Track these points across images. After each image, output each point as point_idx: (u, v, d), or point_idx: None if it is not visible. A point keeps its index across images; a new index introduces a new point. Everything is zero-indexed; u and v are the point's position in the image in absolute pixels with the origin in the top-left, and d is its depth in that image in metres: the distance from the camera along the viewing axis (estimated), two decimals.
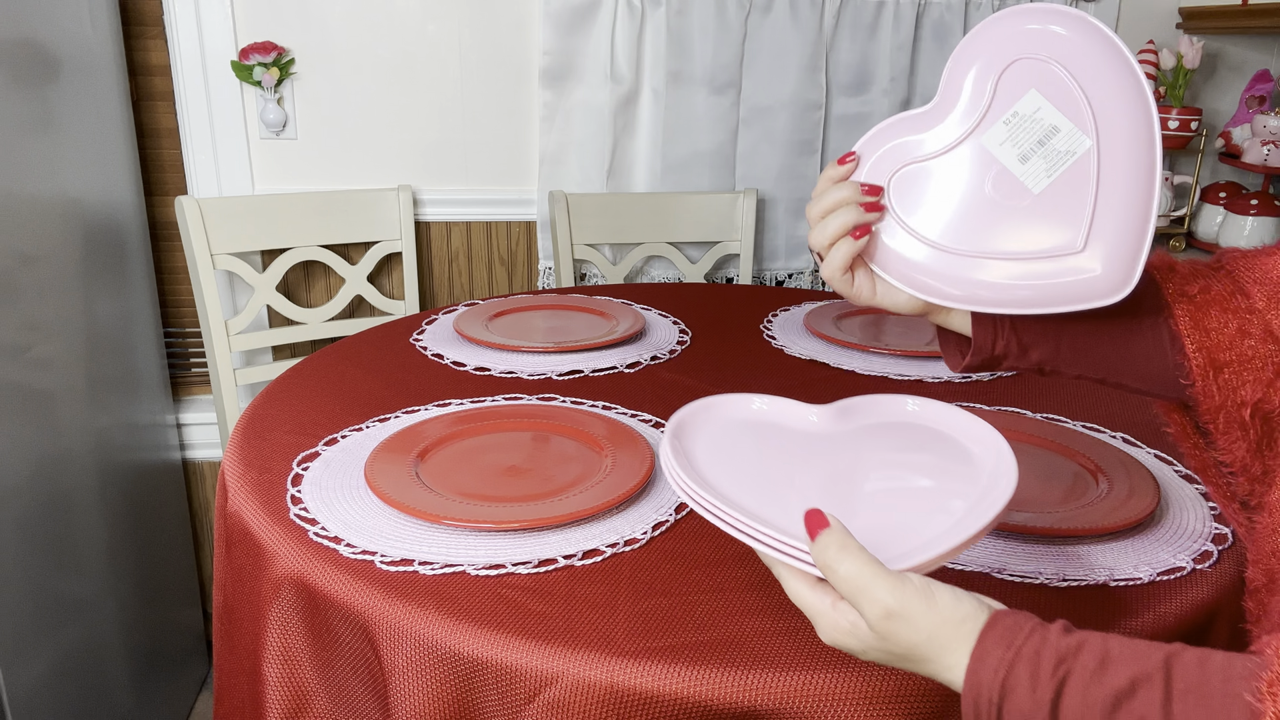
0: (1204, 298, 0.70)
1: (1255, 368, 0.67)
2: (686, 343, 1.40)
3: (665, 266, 2.06)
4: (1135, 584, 0.81)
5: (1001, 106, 0.73)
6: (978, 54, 0.73)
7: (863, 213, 0.73)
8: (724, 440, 0.73)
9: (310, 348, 1.99)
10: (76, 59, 1.52)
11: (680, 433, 0.73)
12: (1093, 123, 0.70)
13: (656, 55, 1.89)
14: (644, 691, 0.68)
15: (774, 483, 0.68)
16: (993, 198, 0.73)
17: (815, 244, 0.75)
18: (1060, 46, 0.71)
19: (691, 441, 0.72)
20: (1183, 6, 2.04)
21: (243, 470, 0.97)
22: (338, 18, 1.84)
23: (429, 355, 1.31)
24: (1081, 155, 0.70)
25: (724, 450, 0.72)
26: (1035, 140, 0.72)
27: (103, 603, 1.60)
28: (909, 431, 0.74)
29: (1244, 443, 0.68)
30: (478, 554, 0.82)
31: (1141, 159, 0.68)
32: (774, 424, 0.76)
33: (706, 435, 0.73)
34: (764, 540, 0.60)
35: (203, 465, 2.03)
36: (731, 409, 0.77)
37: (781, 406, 0.77)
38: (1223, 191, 1.99)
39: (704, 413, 0.76)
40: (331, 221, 1.85)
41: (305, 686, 0.82)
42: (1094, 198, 0.70)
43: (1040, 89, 0.71)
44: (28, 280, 1.39)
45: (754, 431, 0.75)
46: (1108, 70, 0.69)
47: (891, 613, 0.54)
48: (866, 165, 0.76)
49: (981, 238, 0.73)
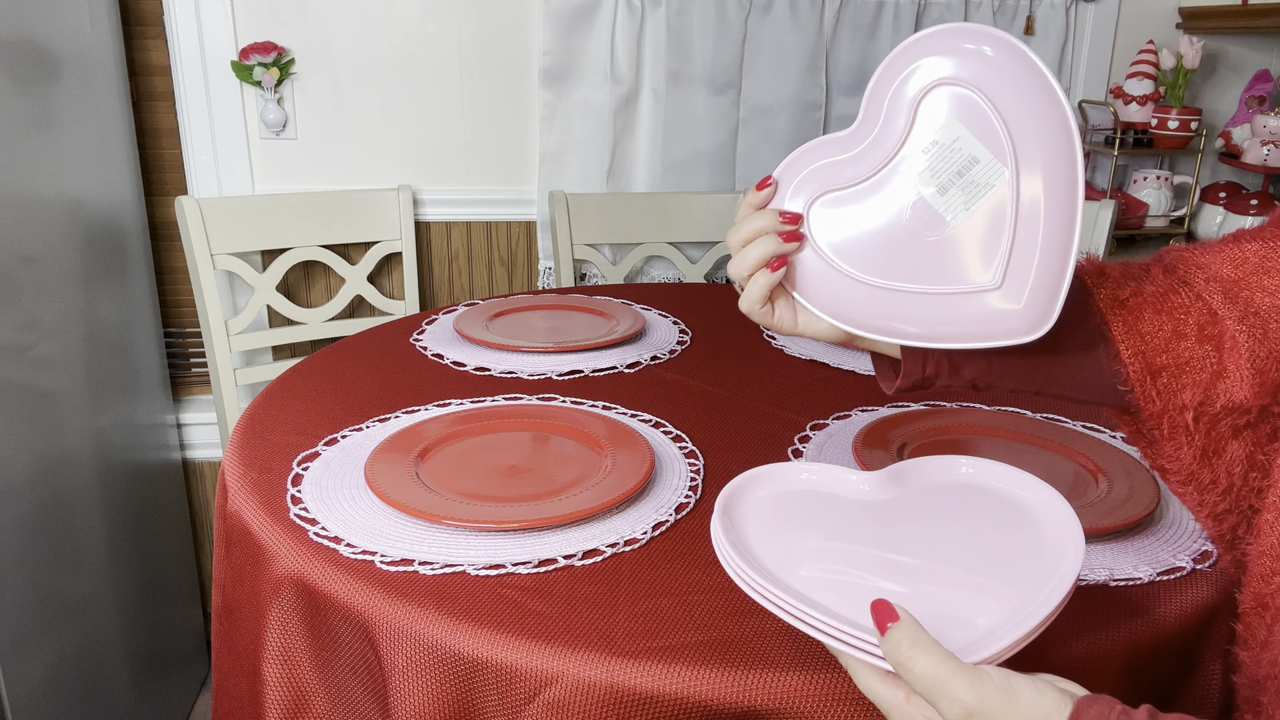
0: (1136, 301, 0.68)
1: (1193, 369, 0.66)
2: (686, 343, 1.40)
3: (665, 266, 2.06)
4: (1135, 584, 0.81)
5: (921, 134, 0.69)
6: (897, 76, 0.70)
7: (780, 243, 0.71)
8: (774, 516, 0.70)
9: (310, 348, 1.99)
10: (76, 59, 1.52)
11: (729, 510, 0.69)
12: (1012, 155, 0.67)
13: (656, 55, 1.89)
14: (644, 691, 0.68)
15: (832, 561, 0.65)
16: (912, 228, 0.70)
17: (734, 274, 0.73)
18: (982, 72, 0.67)
19: (742, 520, 0.69)
20: (1183, 6, 2.04)
21: (243, 470, 0.97)
22: (338, 18, 1.84)
23: (429, 355, 1.31)
24: (1000, 188, 0.68)
25: (776, 527, 0.68)
26: (954, 171, 0.69)
27: (103, 603, 1.60)
28: (966, 495, 0.71)
29: (1189, 448, 0.67)
30: (478, 554, 0.82)
31: (1063, 194, 0.65)
32: (824, 494, 0.72)
33: (756, 512, 0.70)
34: (833, 635, 0.57)
35: (203, 465, 2.03)
36: (779, 481, 0.73)
37: (830, 475, 0.73)
38: (1223, 191, 1.99)
39: (751, 487, 0.72)
40: (331, 221, 1.85)
41: (305, 686, 0.82)
42: (1011, 233, 0.67)
43: (960, 117, 0.68)
44: (28, 280, 1.39)
45: (804, 504, 0.71)
46: (1031, 99, 0.66)
47: (972, 712, 0.52)
48: (787, 190, 0.73)
49: (900, 270, 0.71)
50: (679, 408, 1.15)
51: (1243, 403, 0.65)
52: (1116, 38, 2.05)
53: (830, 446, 1.05)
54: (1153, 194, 1.99)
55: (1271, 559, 0.62)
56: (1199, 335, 0.66)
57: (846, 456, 1.02)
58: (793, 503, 0.71)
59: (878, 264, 0.71)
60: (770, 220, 0.71)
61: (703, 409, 1.15)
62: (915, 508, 0.70)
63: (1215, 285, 0.67)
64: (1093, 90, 2.07)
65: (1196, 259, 0.69)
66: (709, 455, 1.03)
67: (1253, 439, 0.66)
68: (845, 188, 0.72)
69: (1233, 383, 0.65)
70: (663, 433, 1.08)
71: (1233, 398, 0.65)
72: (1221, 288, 0.67)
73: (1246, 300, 0.66)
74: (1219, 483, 0.67)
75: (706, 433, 1.08)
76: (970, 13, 1.94)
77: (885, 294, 0.71)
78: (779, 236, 0.71)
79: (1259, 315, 0.65)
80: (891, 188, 0.71)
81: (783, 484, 0.73)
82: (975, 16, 1.94)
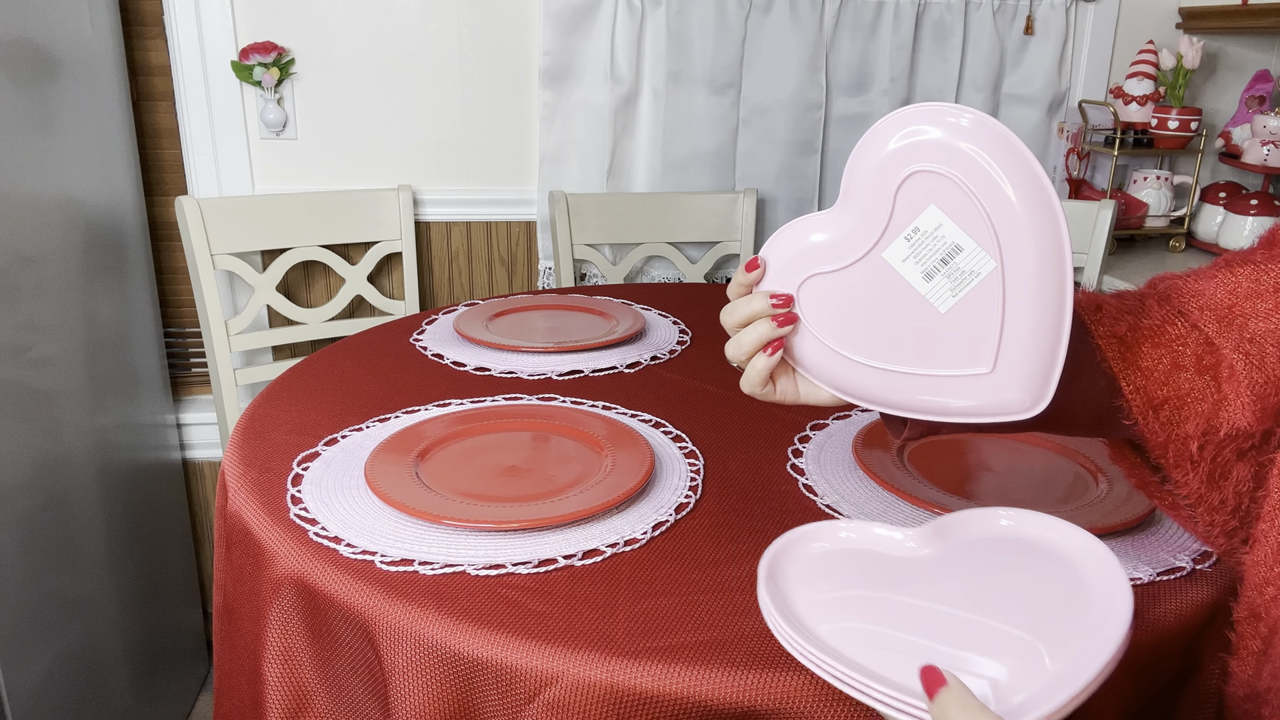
0: (1133, 336, 0.68)
1: (1194, 400, 0.66)
2: (686, 343, 1.40)
3: (665, 266, 2.06)
4: (1135, 584, 0.81)
5: (902, 220, 0.68)
6: (874, 160, 0.68)
7: (775, 327, 0.71)
8: (817, 578, 0.69)
9: (310, 348, 1.99)
10: (76, 59, 1.52)
11: (774, 574, 0.69)
12: (996, 242, 0.65)
13: (656, 55, 1.89)
14: (644, 691, 0.68)
15: (877, 622, 0.65)
16: (900, 314, 0.69)
17: (731, 357, 0.73)
18: (960, 156, 0.65)
19: (786, 584, 0.68)
20: (1183, 6, 2.05)
21: (243, 470, 0.97)
22: (338, 18, 1.84)
23: (429, 355, 1.31)
24: (987, 275, 0.66)
25: (820, 589, 0.68)
26: (938, 258, 0.67)
27: (103, 603, 1.60)
28: (1006, 549, 0.69)
29: (1195, 475, 0.67)
30: (478, 554, 0.82)
31: (1050, 278, 0.64)
32: (866, 552, 0.71)
33: (799, 575, 0.69)
34: (884, 701, 0.57)
35: (203, 465, 2.03)
36: (819, 541, 0.72)
37: (871, 533, 0.73)
38: (1222, 192, 1.99)
39: (793, 549, 0.71)
40: (331, 221, 1.85)
41: (305, 686, 0.82)
42: (1000, 320, 0.66)
43: (940, 204, 0.66)
44: (28, 280, 1.39)
45: (847, 564, 0.70)
46: (1013, 178, 0.64)
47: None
48: (774, 269, 0.72)
49: (894, 352, 0.70)
50: (679, 408, 1.15)
51: (1245, 429, 0.65)
52: (1116, 38, 2.05)
53: (830, 446, 1.05)
54: (1153, 194, 1.99)
55: (1265, 568, 0.62)
56: (1197, 366, 0.66)
57: (847, 456, 1.02)
58: (834, 562, 0.70)
59: (871, 346, 0.70)
60: (763, 304, 0.71)
61: (703, 409, 1.15)
62: (958, 563, 0.69)
63: (1210, 314, 0.67)
64: (1093, 90, 2.07)
65: (1190, 286, 0.69)
66: (709, 455, 1.03)
67: (1256, 460, 0.66)
68: (833, 270, 0.71)
69: (1234, 410, 0.65)
70: (663, 433, 1.08)
71: (1235, 424, 0.65)
72: (1216, 315, 0.67)
73: (1241, 326, 0.66)
74: (1228, 503, 0.67)
75: (706, 433, 1.08)
76: (970, 13, 1.94)
77: (882, 373, 0.71)
78: (773, 320, 0.71)
79: (1254, 341, 0.65)
80: (878, 272, 0.69)
81: (823, 543, 0.72)
82: (975, 17, 1.94)
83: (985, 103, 1.99)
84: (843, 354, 0.71)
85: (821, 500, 0.94)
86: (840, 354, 0.71)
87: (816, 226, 0.71)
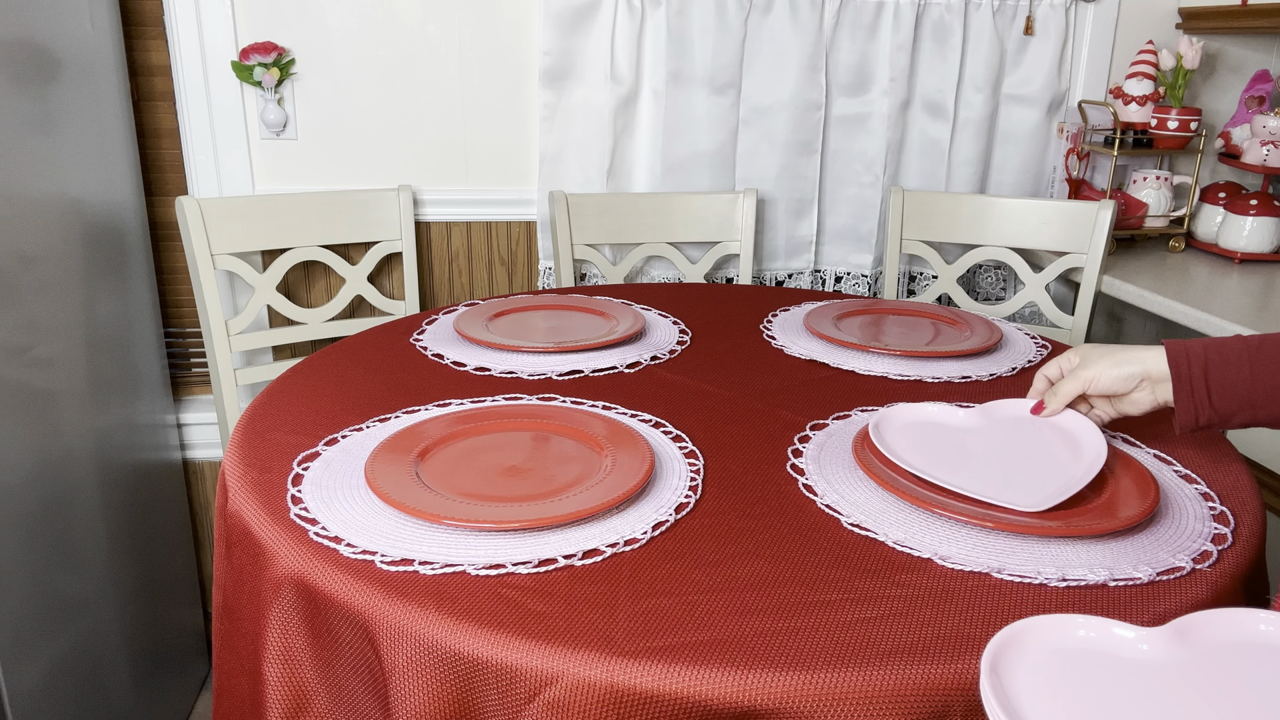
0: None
1: None
2: (686, 343, 1.40)
3: (665, 266, 2.06)
4: (1135, 584, 0.81)
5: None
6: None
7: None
8: (1049, 681, 0.62)
9: (310, 348, 1.99)
10: (76, 59, 1.52)
11: (998, 668, 0.62)
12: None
13: (656, 55, 1.89)
14: (644, 691, 0.68)
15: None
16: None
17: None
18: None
19: (1011, 682, 0.62)
20: (1183, 6, 2.05)
21: (243, 470, 0.97)
22: (338, 18, 1.84)
23: (429, 355, 1.31)
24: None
25: (1052, 696, 0.61)
26: None
27: (103, 603, 1.60)
28: (1266, 659, 0.62)
29: None
30: (478, 554, 0.82)
31: None
32: (1100, 653, 0.65)
33: (1028, 677, 0.63)
34: None
35: (203, 465, 2.03)
36: (1052, 638, 0.66)
37: (1110, 632, 0.66)
38: (1222, 192, 1.99)
39: (1022, 643, 0.65)
40: (331, 222, 1.85)
41: (305, 686, 0.82)
42: None
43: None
44: (28, 280, 1.39)
45: (1080, 666, 0.64)
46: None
47: None
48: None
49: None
50: (679, 408, 1.15)
51: None
52: (1116, 38, 2.05)
53: (830, 446, 1.05)
54: (1152, 194, 1.99)
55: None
56: None
57: (846, 456, 1.02)
58: (1068, 664, 0.64)
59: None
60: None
61: (703, 409, 1.15)
62: (1207, 676, 0.62)
63: None
64: (1092, 90, 2.07)
65: None
66: (709, 455, 1.03)
67: None
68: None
69: None
70: (663, 433, 1.08)
71: None
72: None
73: None
74: None
75: (706, 433, 1.08)
76: (970, 13, 1.94)
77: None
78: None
79: None
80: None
81: (1056, 640, 0.66)
82: (975, 17, 1.94)
83: (985, 103, 1.99)
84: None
85: (821, 500, 0.94)
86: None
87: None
